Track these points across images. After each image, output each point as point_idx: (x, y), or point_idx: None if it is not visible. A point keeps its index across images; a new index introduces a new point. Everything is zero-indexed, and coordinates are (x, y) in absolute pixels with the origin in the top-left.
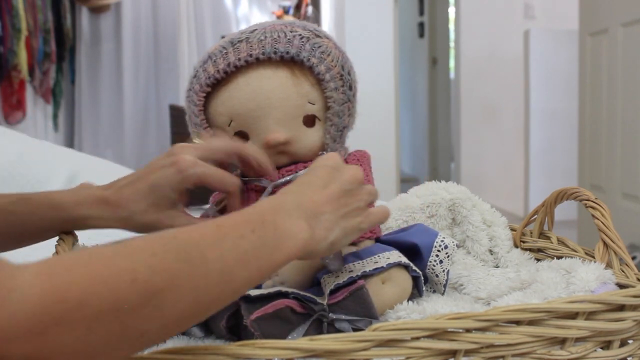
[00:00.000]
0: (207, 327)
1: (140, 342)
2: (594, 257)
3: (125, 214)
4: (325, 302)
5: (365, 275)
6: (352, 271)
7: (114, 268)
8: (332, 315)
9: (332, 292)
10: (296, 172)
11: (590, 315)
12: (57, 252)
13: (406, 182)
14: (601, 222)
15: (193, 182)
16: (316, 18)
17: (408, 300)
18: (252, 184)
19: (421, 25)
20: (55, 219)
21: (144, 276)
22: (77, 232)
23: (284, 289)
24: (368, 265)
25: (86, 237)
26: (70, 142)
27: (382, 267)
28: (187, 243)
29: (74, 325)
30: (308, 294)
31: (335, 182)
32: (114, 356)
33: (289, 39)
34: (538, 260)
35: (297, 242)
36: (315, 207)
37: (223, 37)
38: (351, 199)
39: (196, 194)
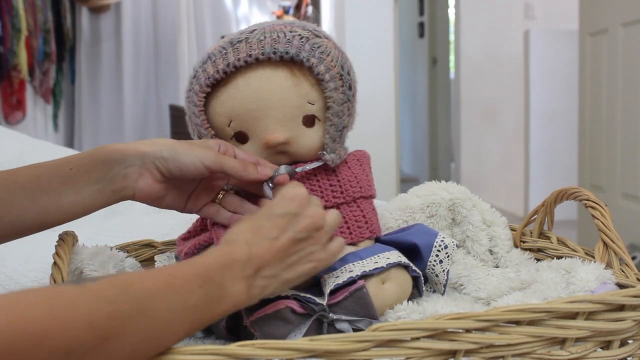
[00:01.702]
0: (207, 327)
1: None
2: (594, 257)
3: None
4: (325, 302)
5: (365, 275)
6: (352, 271)
7: (74, 310)
8: (332, 316)
9: (332, 292)
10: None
11: (590, 315)
12: (56, 253)
13: (406, 182)
14: (601, 222)
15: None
16: (316, 18)
17: (408, 300)
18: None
19: (421, 25)
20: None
21: (101, 321)
22: (76, 233)
23: None
24: (368, 265)
25: (86, 237)
26: (70, 142)
27: (382, 267)
28: (142, 293)
29: None
30: (308, 295)
31: (289, 231)
32: None
33: (288, 39)
34: (538, 260)
35: (234, 301)
36: (259, 262)
37: (223, 37)
38: (304, 245)
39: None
